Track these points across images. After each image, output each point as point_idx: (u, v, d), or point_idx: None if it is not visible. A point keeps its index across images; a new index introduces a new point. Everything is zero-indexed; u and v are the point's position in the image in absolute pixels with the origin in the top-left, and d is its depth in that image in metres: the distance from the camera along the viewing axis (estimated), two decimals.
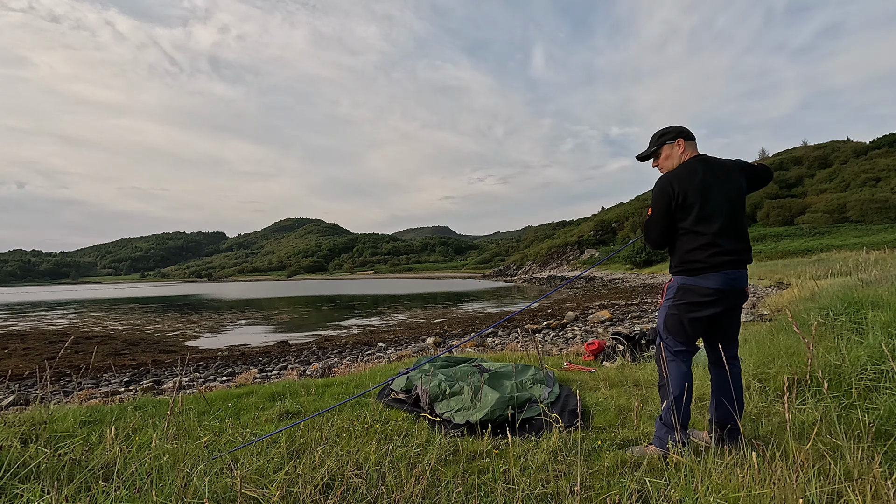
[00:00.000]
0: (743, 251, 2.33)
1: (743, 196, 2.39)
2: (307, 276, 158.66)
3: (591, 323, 13.33)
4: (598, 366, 4.71)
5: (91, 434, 2.64)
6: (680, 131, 2.49)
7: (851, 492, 1.58)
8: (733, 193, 2.34)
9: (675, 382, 2.29)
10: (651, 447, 2.29)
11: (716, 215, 2.28)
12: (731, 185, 2.35)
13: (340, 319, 19.83)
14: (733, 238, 2.30)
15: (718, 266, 2.26)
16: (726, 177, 2.35)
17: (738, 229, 2.34)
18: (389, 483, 1.90)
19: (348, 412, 3.22)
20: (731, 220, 2.31)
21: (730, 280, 2.27)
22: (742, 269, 2.33)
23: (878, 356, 2.79)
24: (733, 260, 2.28)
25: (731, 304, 2.32)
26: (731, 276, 2.27)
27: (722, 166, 2.38)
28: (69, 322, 20.83)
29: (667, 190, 2.33)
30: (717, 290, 2.26)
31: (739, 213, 2.37)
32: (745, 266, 2.35)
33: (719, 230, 2.27)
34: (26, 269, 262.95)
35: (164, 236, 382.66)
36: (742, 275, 2.33)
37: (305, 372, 7.64)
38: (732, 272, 2.27)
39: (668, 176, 2.37)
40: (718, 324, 2.37)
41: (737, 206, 2.35)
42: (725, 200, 2.30)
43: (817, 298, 5.42)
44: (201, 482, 1.74)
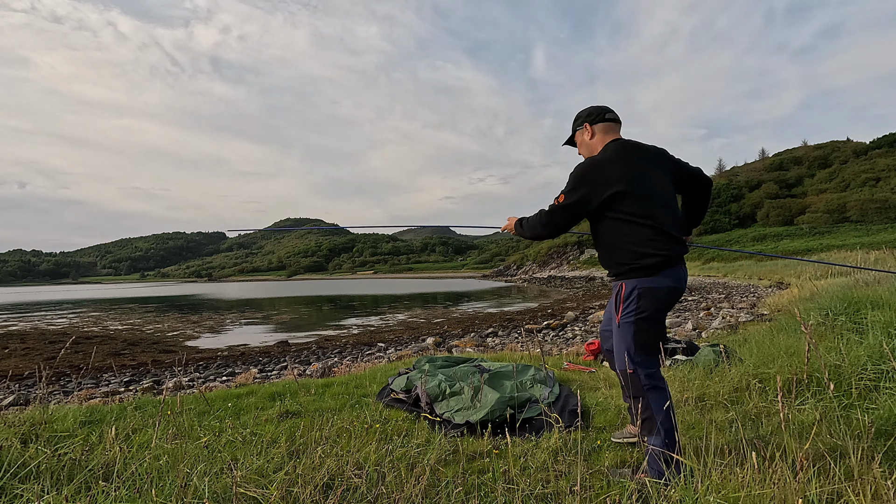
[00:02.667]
0: (683, 242, 2.08)
1: (672, 186, 2.13)
2: (307, 276, 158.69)
3: (591, 323, 13.33)
4: (598, 366, 4.71)
5: (91, 434, 2.64)
6: (588, 114, 2.21)
7: (851, 492, 1.58)
8: (668, 183, 2.10)
9: (666, 414, 1.97)
10: (647, 476, 1.94)
11: (659, 202, 2.00)
12: (663, 170, 2.10)
13: (340, 319, 19.83)
14: (677, 229, 2.05)
15: (673, 261, 2.01)
16: (655, 160, 2.10)
17: (678, 219, 2.09)
18: (389, 483, 1.90)
19: (348, 412, 3.22)
20: (674, 210, 2.07)
21: (682, 277, 2.05)
22: (684, 264, 2.10)
23: (878, 356, 2.79)
24: (681, 252, 2.05)
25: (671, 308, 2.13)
26: (682, 273, 2.05)
27: (648, 150, 2.13)
28: (69, 322, 20.83)
29: (590, 175, 2.01)
30: (675, 290, 2.03)
31: (674, 202, 2.11)
32: (684, 261, 2.11)
33: (665, 220, 2.00)
34: (26, 269, 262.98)
35: (165, 236, 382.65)
36: (686, 272, 2.11)
37: (305, 372, 7.64)
38: (681, 268, 2.05)
39: (594, 159, 2.07)
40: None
41: (670, 191, 2.10)
42: (662, 185, 2.05)
43: (817, 298, 5.42)
44: (201, 482, 1.74)
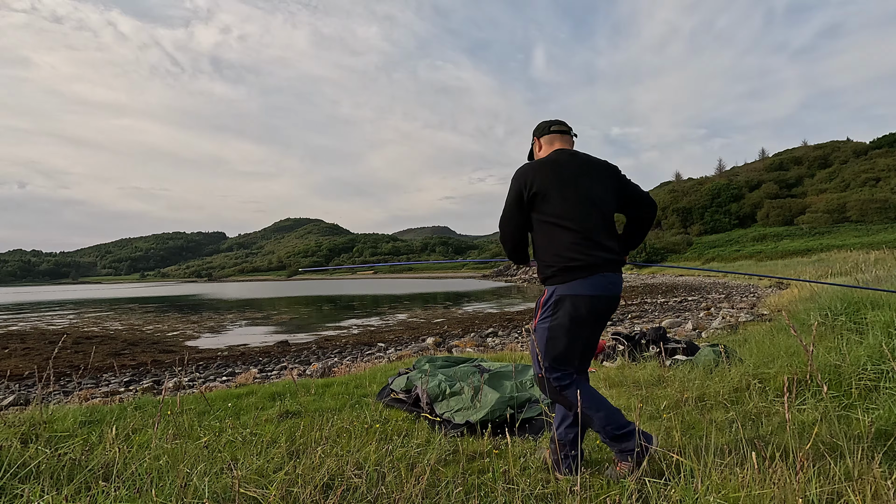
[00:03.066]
0: (613, 249, 2.05)
1: (610, 195, 2.09)
2: (307, 276, 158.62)
3: None
4: (598, 366, 4.71)
5: (91, 434, 2.64)
6: (536, 128, 2.30)
7: (851, 492, 1.58)
8: (602, 191, 2.07)
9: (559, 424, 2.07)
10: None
11: (586, 208, 2.01)
12: (601, 181, 2.09)
13: (340, 319, 19.84)
14: (597, 235, 2.01)
15: (592, 267, 1.98)
16: (595, 171, 2.10)
17: (608, 227, 2.07)
18: (389, 483, 1.90)
19: (348, 412, 3.22)
20: (602, 216, 2.04)
21: (608, 284, 2.01)
22: (615, 271, 2.05)
23: (878, 356, 2.79)
24: (607, 260, 2.01)
25: (605, 314, 2.06)
26: (609, 280, 2.01)
27: (592, 161, 2.14)
28: (69, 322, 20.83)
29: (519, 180, 2.06)
30: (593, 297, 1.98)
31: (608, 210, 2.08)
32: (618, 269, 2.06)
33: (592, 225, 2.00)
34: (26, 269, 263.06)
35: (165, 236, 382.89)
36: (617, 279, 2.05)
37: (305, 372, 7.64)
38: (610, 275, 2.01)
39: (524, 166, 2.13)
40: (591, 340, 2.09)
41: (607, 203, 2.08)
42: (594, 194, 2.04)
43: (817, 298, 5.42)
44: (201, 482, 1.74)
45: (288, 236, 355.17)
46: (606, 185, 2.10)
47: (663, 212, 70.62)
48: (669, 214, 69.44)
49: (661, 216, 70.65)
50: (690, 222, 66.61)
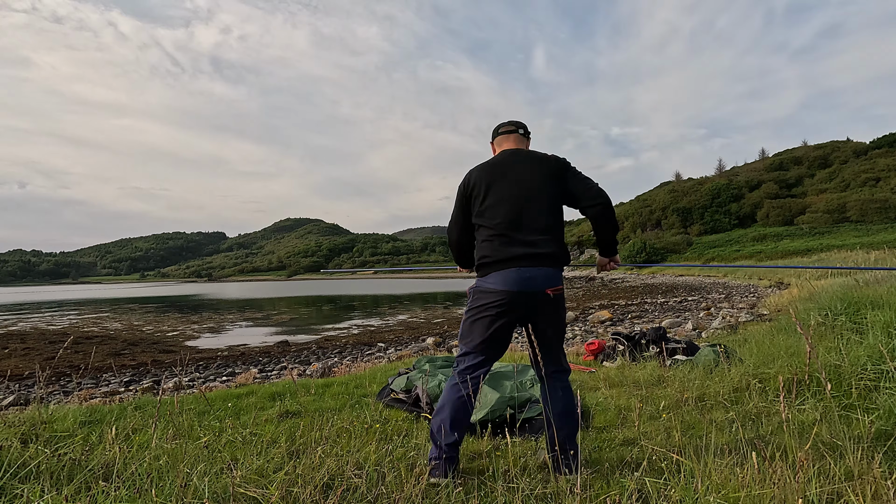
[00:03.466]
0: (540, 244, 2.01)
1: (543, 190, 2.07)
2: (307, 276, 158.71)
3: (591, 323, 13.33)
4: (598, 366, 4.71)
5: (91, 434, 2.64)
6: (493, 133, 2.34)
7: (851, 492, 1.58)
8: (530, 183, 2.06)
9: (438, 412, 2.08)
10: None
11: (504, 203, 2.05)
12: (535, 176, 2.08)
13: (340, 319, 19.83)
14: (519, 231, 2.02)
15: (507, 261, 1.99)
16: (530, 166, 2.10)
17: (534, 222, 2.04)
18: (389, 483, 1.90)
19: (348, 412, 3.22)
20: (525, 211, 2.04)
21: (522, 279, 1.98)
22: (539, 266, 2.00)
23: (878, 356, 2.79)
24: (526, 254, 2.00)
25: (528, 310, 2.03)
26: (525, 275, 1.98)
27: (528, 157, 2.14)
28: (69, 322, 20.82)
29: (462, 183, 2.17)
30: (505, 292, 1.98)
31: (535, 205, 2.06)
32: (544, 263, 2.01)
33: (507, 220, 2.03)
34: (26, 269, 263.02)
35: (164, 236, 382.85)
36: (539, 273, 2.00)
37: (305, 372, 7.64)
38: (526, 269, 1.99)
39: (470, 170, 2.21)
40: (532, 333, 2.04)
41: (534, 196, 2.06)
42: (518, 188, 2.06)
43: (817, 298, 5.42)
44: (201, 482, 1.74)
45: (288, 236, 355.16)
46: (542, 179, 2.08)
47: (663, 212, 70.60)
48: (669, 214, 69.42)
49: (660, 216, 70.62)
50: (690, 222, 66.60)
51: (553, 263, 2.03)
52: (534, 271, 2.00)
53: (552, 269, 2.02)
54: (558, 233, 2.09)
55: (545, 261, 2.01)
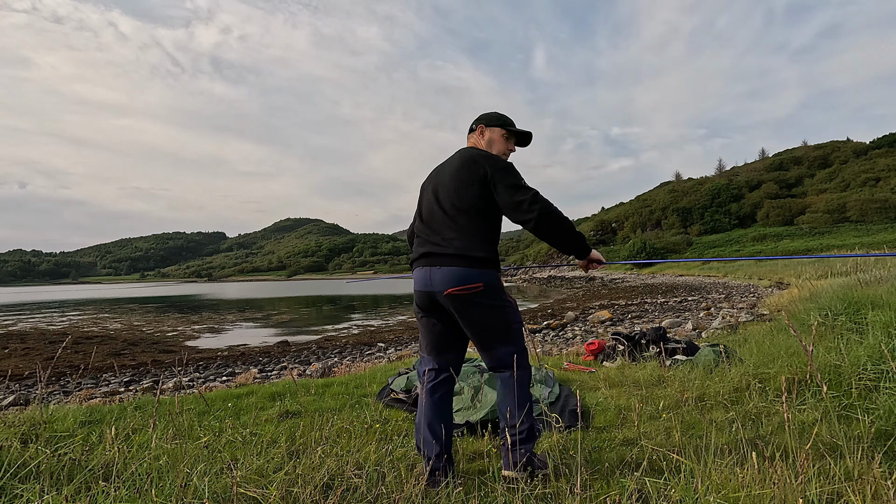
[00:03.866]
0: (445, 243, 1.97)
1: (462, 188, 1.98)
2: (307, 276, 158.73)
3: (591, 323, 13.33)
4: (598, 366, 4.71)
5: (91, 434, 2.64)
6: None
7: (851, 492, 1.58)
8: (448, 186, 2.02)
9: (418, 409, 2.13)
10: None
11: (423, 205, 2.12)
12: (449, 177, 2.04)
13: (340, 319, 19.83)
14: (431, 231, 2.03)
15: (416, 260, 2.06)
16: (453, 167, 2.06)
17: (440, 222, 2.02)
18: (389, 483, 1.90)
19: (348, 412, 3.22)
20: (436, 212, 2.03)
21: (421, 279, 2.02)
22: (442, 265, 1.96)
23: (878, 356, 2.79)
24: (429, 253, 2.01)
25: (441, 310, 2.03)
26: (425, 275, 2.00)
27: (459, 158, 2.08)
28: (69, 322, 20.82)
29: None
30: (416, 292, 2.07)
31: (448, 205, 2.01)
32: (446, 263, 1.96)
33: (421, 223, 2.10)
34: (26, 269, 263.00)
35: (164, 236, 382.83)
36: (438, 273, 1.96)
37: (305, 372, 7.64)
38: (427, 269, 2.00)
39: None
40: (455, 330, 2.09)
41: (448, 196, 2.01)
42: (442, 189, 2.04)
43: (817, 298, 5.42)
44: (201, 482, 1.74)
45: (288, 236, 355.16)
46: (463, 180, 1.99)
47: (663, 212, 70.63)
48: (669, 214, 69.44)
49: (660, 216, 70.63)
50: (690, 222, 66.60)
51: (461, 263, 1.94)
52: (434, 271, 1.97)
53: (459, 269, 1.94)
54: (475, 232, 1.97)
55: (448, 260, 1.95)
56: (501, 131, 2.19)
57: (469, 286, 1.93)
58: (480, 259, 1.95)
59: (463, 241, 1.96)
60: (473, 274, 1.94)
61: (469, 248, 1.95)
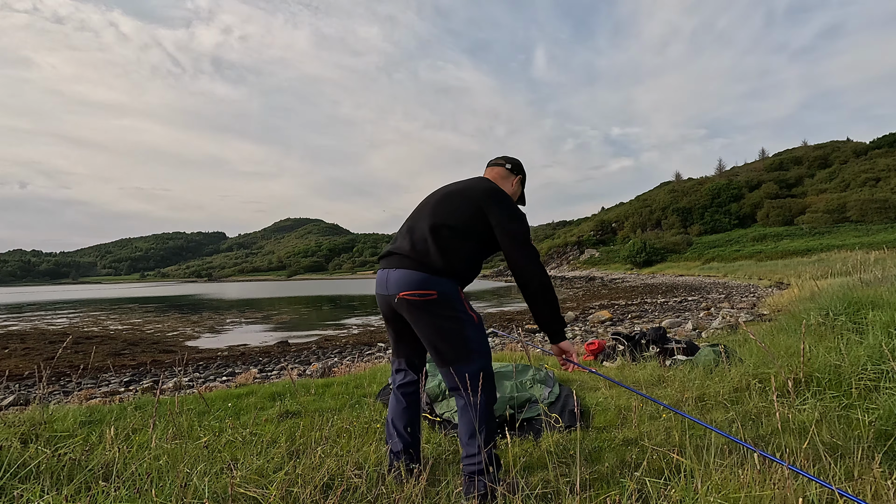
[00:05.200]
0: (410, 245, 1.91)
1: (463, 208, 1.94)
2: (307, 276, 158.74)
3: (591, 323, 13.33)
4: (599, 366, 4.71)
5: (91, 434, 2.64)
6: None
7: (851, 492, 1.58)
8: (452, 200, 2.00)
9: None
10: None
11: (414, 212, 2.08)
12: (460, 192, 2.01)
13: (340, 319, 19.83)
14: (405, 235, 1.98)
15: (381, 258, 2.02)
16: (464, 186, 2.05)
17: (420, 229, 1.95)
18: (389, 483, 1.90)
19: (348, 412, 3.22)
20: (424, 218, 1.98)
21: (380, 281, 1.97)
22: (399, 267, 1.90)
23: (878, 356, 2.79)
24: (385, 254, 2.00)
25: (393, 313, 1.97)
26: (382, 276, 1.96)
27: (477, 180, 2.07)
28: (69, 322, 20.83)
29: None
30: (376, 294, 2.02)
31: (439, 217, 1.95)
32: (405, 265, 1.88)
33: (403, 226, 2.06)
34: (26, 269, 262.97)
35: (164, 236, 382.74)
36: (394, 276, 1.89)
37: (305, 372, 7.64)
38: (385, 271, 1.95)
39: None
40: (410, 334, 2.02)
41: (443, 210, 1.97)
42: (434, 201, 2.02)
43: (817, 298, 5.42)
44: (201, 482, 1.74)
45: (288, 236, 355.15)
46: (469, 200, 1.95)
47: (663, 212, 70.64)
48: (669, 214, 69.44)
49: (660, 216, 70.63)
50: (690, 222, 66.60)
51: (419, 267, 1.86)
52: (391, 273, 1.91)
53: (416, 273, 1.85)
54: (450, 248, 1.89)
55: (406, 262, 1.88)
56: (521, 179, 2.22)
57: (421, 292, 1.83)
58: (440, 268, 1.86)
59: (432, 249, 1.88)
60: (427, 280, 1.84)
61: (433, 256, 1.87)
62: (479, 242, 1.95)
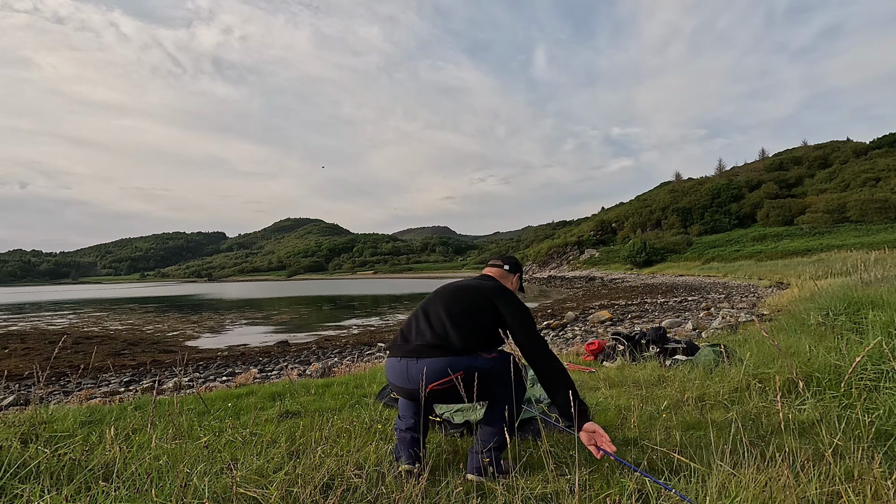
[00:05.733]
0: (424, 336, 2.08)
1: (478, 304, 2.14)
2: (307, 276, 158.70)
3: (591, 323, 13.33)
4: (598, 366, 4.71)
5: (91, 434, 2.64)
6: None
7: (852, 492, 1.58)
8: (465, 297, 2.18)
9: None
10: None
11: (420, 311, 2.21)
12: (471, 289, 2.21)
13: (340, 319, 19.84)
14: (423, 320, 2.15)
15: (392, 352, 2.16)
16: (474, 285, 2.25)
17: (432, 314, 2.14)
18: (389, 483, 1.90)
19: (348, 412, 3.22)
20: (435, 306, 2.17)
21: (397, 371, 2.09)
22: (414, 358, 2.04)
23: (878, 356, 2.79)
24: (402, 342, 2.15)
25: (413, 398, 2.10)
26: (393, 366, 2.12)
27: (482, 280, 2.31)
28: (69, 322, 20.83)
29: None
30: (392, 384, 2.17)
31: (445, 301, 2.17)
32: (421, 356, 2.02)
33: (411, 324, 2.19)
34: (26, 269, 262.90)
35: (164, 236, 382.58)
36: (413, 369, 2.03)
37: (305, 372, 7.64)
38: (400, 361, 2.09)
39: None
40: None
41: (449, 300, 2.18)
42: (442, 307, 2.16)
43: (817, 298, 5.42)
44: (201, 482, 1.74)
45: (288, 236, 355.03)
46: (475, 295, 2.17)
47: (663, 212, 70.67)
48: (669, 214, 69.44)
49: (660, 216, 70.66)
50: (690, 222, 66.59)
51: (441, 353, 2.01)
52: (411, 364, 2.05)
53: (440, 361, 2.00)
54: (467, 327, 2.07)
55: (428, 351, 2.03)
56: (519, 276, 2.50)
57: (448, 378, 1.98)
58: (460, 349, 2.02)
59: (451, 332, 2.04)
60: (452, 363, 1.99)
61: (453, 337, 2.04)
62: (492, 329, 2.12)
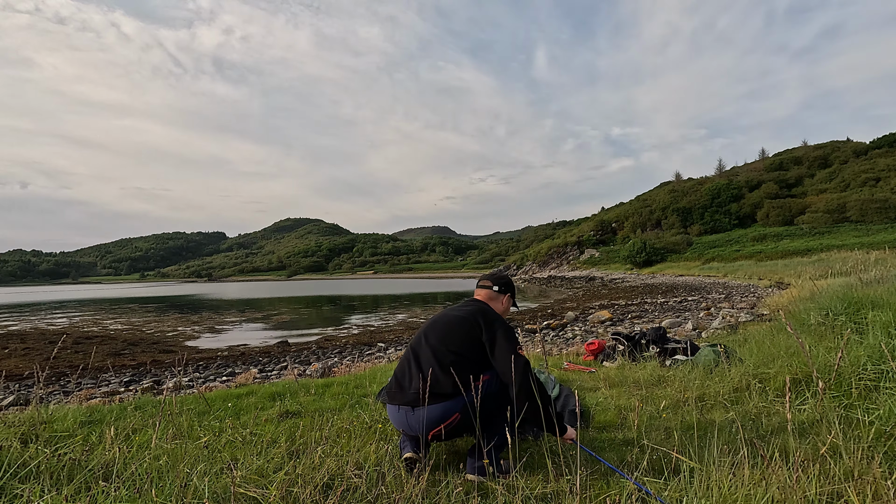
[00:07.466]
0: (416, 384, 2.09)
1: (458, 347, 2.15)
2: (307, 276, 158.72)
3: (591, 323, 13.33)
4: (598, 366, 4.71)
5: (91, 434, 2.64)
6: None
7: (852, 491, 1.58)
8: (451, 342, 2.17)
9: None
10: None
11: (410, 353, 2.23)
12: (461, 335, 2.19)
13: (340, 319, 19.83)
14: (415, 367, 2.16)
15: (393, 400, 2.19)
16: (453, 324, 2.24)
17: (423, 360, 2.16)
18: (389, 483, 1.90)
19: (348, 412, 3.22)
20: (423, 350, 2.18)
21: (398, 420, 2.17)
22: (411, 406, 2.09)
23: (878, 356, 2.79)
24: (398, 389, 2.18)
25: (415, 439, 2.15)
26: (395, 414, 2.18)
27: (465, 313, 2.26)
28: (69, 322, 20.83)
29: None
30: (397, 427, 2.23)
31: (433, 343, 2.19)
32: (417, 404, 2.07)
33: (403, 368, 2.21)
34: (26, 269, 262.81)
35: (164, 236, 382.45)
36: (411, 419, 2.09)
37: (305, 372, 7.64)
38: (399, 410, 2.15)
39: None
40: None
41: (436, 340, 2.18)
42: (431, 343, 2.19)
43: (817, 298, 5.41)
44: (201, 482, 1.74)
45: (288, 236, 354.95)
46: (461, 334, 2.18)
47: (663, 212, 70.65)
48: (669, 214, 69.41)
49: (660, 216, 70.64)
50: (690, 222, 66.57)
51: (435, 399, 2.06)
52: (409, 414, 2.11)
53: (436, 408, 2.06)
54: (456, 369, 2.09)
55: (422, 400, 2.05)
56: (510, 295, 2.48)
57: (447, 423, 2.07)
58: (450, 392, 2.07)
59: (441, 378, 2.07)
60: (447, 408, 2.07)
61: (444, 383, 2.07)
62: (483, 354, 2.18)
